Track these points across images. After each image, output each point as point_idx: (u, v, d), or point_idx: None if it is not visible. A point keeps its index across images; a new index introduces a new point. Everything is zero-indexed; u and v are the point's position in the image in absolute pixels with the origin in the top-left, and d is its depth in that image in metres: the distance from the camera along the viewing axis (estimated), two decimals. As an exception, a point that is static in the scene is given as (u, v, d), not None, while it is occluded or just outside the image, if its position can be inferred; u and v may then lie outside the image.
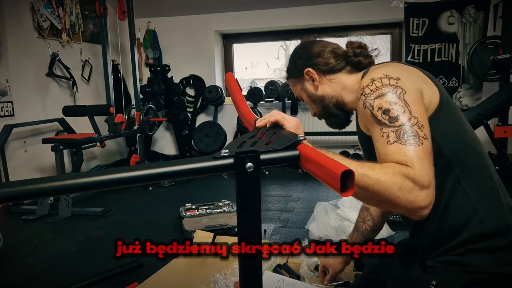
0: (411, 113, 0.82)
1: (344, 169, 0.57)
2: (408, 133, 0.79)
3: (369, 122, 0.88)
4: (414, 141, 0.79)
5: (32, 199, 2.13)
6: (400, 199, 0.74)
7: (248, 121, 1.04)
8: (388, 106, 0.84)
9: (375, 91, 0.87)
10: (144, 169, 0.63)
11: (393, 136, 0.80)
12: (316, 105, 1.15)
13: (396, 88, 0.85)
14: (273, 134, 0.81)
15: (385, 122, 0.83)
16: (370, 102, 0.87)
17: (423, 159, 0.77)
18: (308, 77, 1.12)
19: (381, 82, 0.87)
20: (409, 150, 0.78)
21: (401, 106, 0.83)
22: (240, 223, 0.65)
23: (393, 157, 0.78)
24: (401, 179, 0.74)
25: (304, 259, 1.93)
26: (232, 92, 1.16)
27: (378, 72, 0.91)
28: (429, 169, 0.77)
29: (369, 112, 0.86)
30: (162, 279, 1.93)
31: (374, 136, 0.86)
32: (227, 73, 1.29)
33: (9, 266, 2.26)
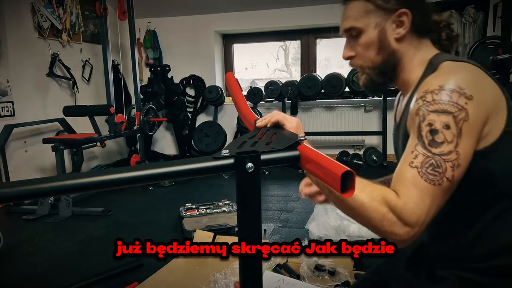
0: (456, 146, 0.74)
1: (344, 170, 0.57)
2: (436, 167, 0.73)
3: (411, 129, 0.80)
4: (434, 178, 0.73)
5: (32, 199, 2.13)
6: (379, 228, 0.73)
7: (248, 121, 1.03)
8: (439, 127, 0.74)
9: (437, 103, 0.76)
10: (144, 169, 0.63)
11: (420, 161, 0.74)
12: (377, 54, 0.91)
13: (460, 112, 0.74)
14: (273, 134, 0.81)
15: (424, 142, 0.75)
16: (425, 112, 0.77)
17: (426, 199, 0.72)
18: (396, 19, 0.89)
19: (450, 97, 0.75)
20: (419, 186, 0.73)
21: (452, 135, 0.74)
22: (240, 223, 0.65)
23: (401, 183, 0.75)
24: (386, 210, 0.72)
25: (304, 259, 1.94)
26: (232, 92, 1.14)
27: (452, 79, 0.78)
28: (426, 210, 0.72)
29: (417, 121, 0.78)
30: (162, 279, 1.93)
31: (408, 146, 0.79)
32: (227, 73, 1.22)
33: (9, 266, 2.26)
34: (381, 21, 0.89)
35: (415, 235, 0.73)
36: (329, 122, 4.64)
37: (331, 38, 4.98)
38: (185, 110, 4.87)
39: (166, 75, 4.93)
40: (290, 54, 6.19)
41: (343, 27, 0.94)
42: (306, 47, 4.98)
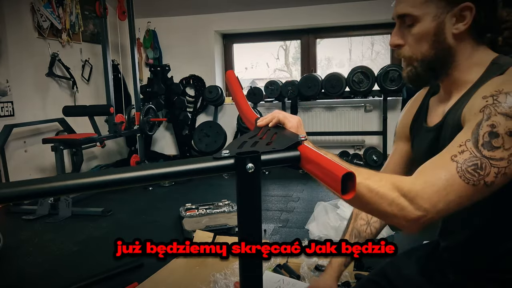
0: (510, 156, 0.68)
1: (345, 171, 0.56)
2: (481, 169, 0.68)
3: (467, 125, 0.74)
4: (471, 177, 0.68)
5: (32, 199, 2.14)
6: (387, 213, 0.70)
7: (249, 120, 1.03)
8: (501, 131, 0.69)
9: (508, 107, 0.70)
10: (144, 170, 0.63)
11: (464, 157, 0.69)
12: (429, 47, 0.84)
13: None
14: (274, 134, 0.81)
15: (477, 140, 0.69)
16: (492, 111, 0.70)
17: (449, 193, 0.68)
18: (457, 13, 0.81)
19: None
20: (453, 182, 0.68)
21: (511, 142, 0.68)
22: (240, 223, 0.65)
23: (431, 170, 0.70)
24: (396, 195, 0.69)
25: (304, 259, 1.94)
26: (233, 90, 1.13)
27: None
28: (445, 203, 0.68)
29: (479, 118, 0.71)
30: (162, 279, 1.93)
31: (455, 139, 0.73)
32: (227, 71, 1.20)
33: (9, 266, 2.26)
34: (441, 12, 0.81)
35: (426, 223, 0.69)
36: (329, 122, 4.63)
37: (331, 38, 4.98)
38: (185, 110, 4.87)
39: (166, 75, 4.93)
40: (290, 54, 6.19)
41: (398, 11, 0.85)
42: (306, 47, 4.98)
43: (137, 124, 4.18)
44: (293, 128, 0.84)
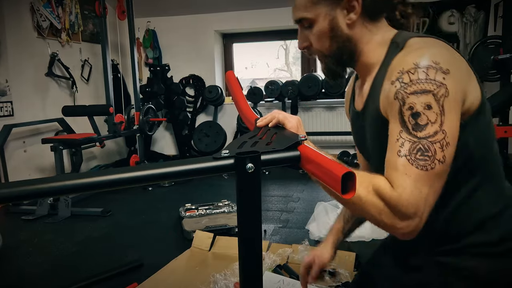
0: (441, 125, 0.71)
1: (345, 171, 0.56)
2: (425, 151, 0.71)
3: (391, 115, 0.77)
4: (425, 163, 0.70)
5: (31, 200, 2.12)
6: (379, 222, 0.72)
7: (248, 120, 1.03)
8: (421, 109, 0.72)
9: (415, 84, 0.73)
10: (144, 170, 0.63)
11: (407, 148, 0.72)
12: (331, 41, 0.88)
13: (439, 88, 0.72)
14: (274, 134, 0.81)
15: (408, 127, 0.73)
16: (404, 95, 0.74)
17: (421, 187, 0.70)
18: (345, 5, 0.85)
19: (427, 74, 0.72)
20: (412, 174, 0.70)
21: (435, 114, 0.71)
22: (240, 223, 0.65)
23: (393, 173, 0.72)
24: (381, 203, 0.71)
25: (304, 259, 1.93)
26: (233, 91, 1.13)
27: (426, 55, 0.75)
28: (424, 198, 0.70)
29: (397, 106, 0.75)
30: (162, 279, 1.93)
31: (390, 133, 0.76)
32: (227, 71, 1.20)
33: (9, 266, 2.26)
34: (330, 9, 0.86)
35: (418, 227, 0.71)
36: (330, 122, 4.63)
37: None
38: (185, 110, 4.87)
39: (166, 74, 4.92)
40: (290, 54, 6.19)
41: (294, 17, 0.91)
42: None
43: (137, 124, 4.18)
44: (293, 128, 0.84)
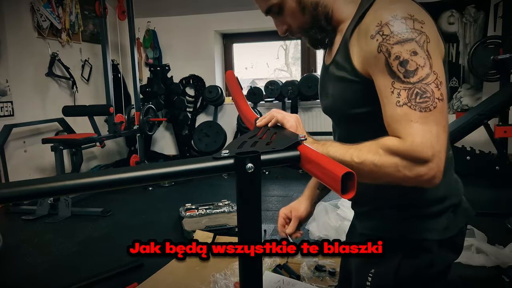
0: (431, 68, 0.72)
1: (345, 171, 0.56)
2: (423, 93, 0.71)
3: (378, 69, 0.77)
4: (426, 105, 0.71)
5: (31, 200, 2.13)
6: (402, 179, 0.72)
7: (248, 120, 1.03)
8: (407, 56, 0.73)
9: (395, 34, 0.74)
10: (144, 170, 0.63)
11: (404, 96, 0.72)
12: (304, 14, 0.91)
13: (420, 35, 0.74)
14: (273, 134, 0.81)
15: (399, 76, 0.73)
16: (388, 47, 0.74)
17: (430, 128, 0.70)
18: None
19: (406, 24, 0.74)
20: (417, 118, 0.71)
21: (422, 58, 0.73)
22: (240, 223, 0.65)
23: (398, 125, 0.73)
24: (395, 159, 0.71)
25: (304, 259, 1.94)
26: (232, 91, 1.13)
27: (400, 8, 0.76)
28: (435, 138, 0.70)
29: (383, 59, 0.75)
30: (162, 279, 1.93)
31: (382, 89, 0.76)
32: (227, 71, 1.20)
33: (9, 266, 2.26)
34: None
35: (439, 167, 0.70)
36: (330, 122, 4.61)
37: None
38: (185, 110, 4.87)
39: (166, 74, 4.93)
40: (290, 54, 6.19)
41: (263, 10, 0.96)
42: (306, 46, 4.97)
43: (137, 124, 4.18)
44: (293, 128, 0.84)
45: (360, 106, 0.85)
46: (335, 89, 0.90)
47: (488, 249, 2.05)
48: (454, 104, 4.29)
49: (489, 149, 3.32)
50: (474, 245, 2.09)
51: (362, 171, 0.74)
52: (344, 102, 0.87)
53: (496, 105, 3.08)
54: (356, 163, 0.74)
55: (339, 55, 0.88)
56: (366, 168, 0.73)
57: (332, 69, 0.90)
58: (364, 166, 0.73)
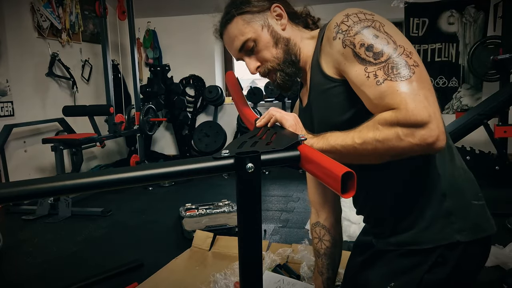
0: (395, 43, 0.76)
1: (345, 170, 0.56)
2: (397, 65, 0.74)
3: (349, 62, 0.79)
4: (404, 73, 0.73)
5: (32, 199, 2.13)
6: (406, 147, 0.72)
7: (248, 120, 1.03)
8: (370, 41, 0.76)
9: (353, 27, 0.79)
10: (144, 170, 0.63)
11: (382, 74, 0.74)
12: (277, 49, 0.97)
13: (374, 22, 0.79)
14: (273, 134, 0.81)
15: (370, 60, 0.76)
16: (350, 39, 0.78)
17: (417, 92, 0.71)
18: (273, 15, 0.97)
19: (357, 17, 0.80)
20: (401, 87, 0.72)
21: (384, 39, 0.77)
22: (240, 223, 0.65)
23: (386, 99, 0.73)
24: (396, 129, 0.71)
25: (304, 259, 1.94)
26: (233, 91, 1.14)
27: (349, 9, 0.84)
28: (426, 100, 0.71)
29: (350, 51, 0.78)
30: (162, 279, 1.93)
31: (358, 78, 0.78)
32: (227, 72, 1.21)
33: (9, 266, 2.26)
34: (264, 21, 0.97)
35: (440, 127, 0.71)
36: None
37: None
38: (185, 110, 4.87)
39: (166, 75, 4.93)
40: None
41: (236, 47, 0.99)
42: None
43: (137, 124, 4.18)
44: (292, 127, 0.85)
45: (345, 110, 0.86)
46: (320, 103, 0.93)
47: (488, 249, 2.05)
48: (454, 104, 4.28)
49: (489, 149, 3.32)
50: (474, 245, 2.09)
51: (366, 151, 0.74)
52: (331, 110, 0.89)
53: (496, 105, 3.08)
54: (359, 144, 0.74)
55: (313, 79, 0.93)
56: (369, 147, 0.74)
57: (311, 96, 0.95)
58: (367, 145, 0.74)
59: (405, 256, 0.90)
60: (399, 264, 0.90)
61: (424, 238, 0.87)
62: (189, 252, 2.22)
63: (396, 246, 0.92)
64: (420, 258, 0.87)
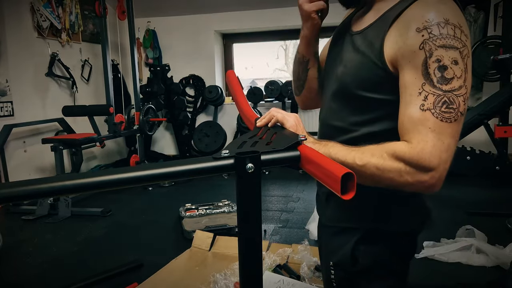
0: (465, 81, 0.72)
1: (345, 171, 0.56)
2: (449, 104, 0.70)
3: (411, 65, 0.74)
4: (449, 115, 0.70)
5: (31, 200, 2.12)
6: (402, 184, 0.72)
7: (249, 119, 1.02)
8: (448, 63, 0.71)
9: (445, 38, 0.72)
10: (144, 170, 0.63)
11: (431, 101, 0.71)
12: None
13: (464, 47, 0.72)
14: (273, 134, 0.81)
15: (432, 79, 0.71)
16: (432, 47, 0.72)
17: (444, 139, 0.70)
18: None
19: (454, 31, 0.72)
20: (435, 127, 0.70)
21: (461, 70, 0.71)
22: (240, 223, 0.65)
23: (413, 128, 0.72)
24: (400, 164, 0.71)
25: (304, 259, 1.94)
26: (233, 90, 1.13)
27: (451, 13, 0.74)
28: (445, 149, 0.70)
29: (422, 57, 0.72)
30: (162, 279, 1.93)
31: (409, 86, 0.74)
32: (228, 71, 1.20)
33: (9, 266, 2.26)
34: None
35: (442, 177, 0.70)
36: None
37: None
38: (185, 110, 4.87)
39: (166, 74, 4.93)
40: (290, 54, 6.19)
41: None
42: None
43: (137, 124, 4.18)
44: (293, 128, 0.84)
45: (365, 89, 0.81)
46: (352, 60, 0.85)
47: (488, 249, 2.05)
48: (454, 104, 4.28)
49: (489, 149, 3.32)
50: (474, 245, 2.09)
51: (364, 174, 0.74)
52: (354, 77, 0.83)
53: (496, 105, 3.08)
54: (358, 166, 0.74)
55: (371, 31, 0.84)
56: (368, 172, 0.73)
57: (358, 39, 0.86)
58: (366, 169, 0.73)
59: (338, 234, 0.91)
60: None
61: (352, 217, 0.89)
62: (189, 252, 2.22)
63: (330, 222, 0.94)
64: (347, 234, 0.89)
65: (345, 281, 0.89)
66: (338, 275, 0.90)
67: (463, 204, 2.89)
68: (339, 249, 0.89)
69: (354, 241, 0.87)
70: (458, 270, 2.00)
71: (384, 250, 0.88)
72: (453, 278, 1.93)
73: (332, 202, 0.92)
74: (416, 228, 0.91)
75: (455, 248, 2.11)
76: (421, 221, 0.92)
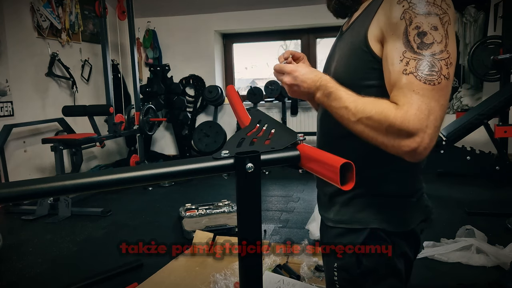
0: (446, 46, 0.72)
1: (343, 162, 0.57)
2: (430, 67, 0.71)
3: (394, 36, 0.76)
4: (431, 78, 0.71)
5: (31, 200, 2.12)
6: (387, 144, 0.72)
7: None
8: (427, 29, 0.72)
9: (424, 5, 0.73)
10: (144, 170, 0.63)
11: (413, 65, 0.72)
12: None
13: (444, 15, 0.73)
14: (271, 130, 0.81)
15: (412, 46, 0.73)
16: (412, 15, 0.73)
17: (428, 102, 0.70)
18: None
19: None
20: (419, 89, 0.70)
21: (440, 35, 0.72)
22: (240, 223, 0.65)
23: (399, 92, 0.73)
24: (388, 124, 0.71)
25: (304, 259, 1.94)
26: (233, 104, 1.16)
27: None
28: (428, 114, 0.70)
29: (403, 26, 0.74)
30: (162, 279, 1.93)
31: (392, 55, 0.75)
32: (228, 86, 1.22)
33: (9, 266, 2.26)
34: None
35: (424, 142, 0.70)
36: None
37: (331, 38, 4.97)
38: (185, 110, 4.87)
39: (166, 74, 4.93)
40: (290, 54, 6.17)
41: None
42: (306, 46, 4.98)
43: (137, 124, 4.18)
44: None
45: (356, 76, 0.83)
46: (343, 53, 0.89)
47: (488, 249, 2.05)
48: (455, 104, 4.28)
49: (489, 149, 3.32)
50: (474, 245, 2.09)
51: (349, 122, 0.76)
52: (345, 67, 0.86)
53: (497, 105, 3.08)
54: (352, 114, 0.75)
55: (358, 22, 0.87)
56: (360, 127, 0.75)
57: (347, 34, 0.90)
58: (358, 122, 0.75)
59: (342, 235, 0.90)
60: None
61: (356, 219, 0.88)
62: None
63: (332, 223, 0.93)
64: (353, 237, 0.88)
65: (349, 283, 0.89)
66: (341, 277, 0.89)
67: (463, 204, 2.89)
68: (344, 250, 0.89)
69: (359, 243, 0.86)
70: (458, 270, 2.00)
71: (389, 251, 0.87)
72: (453, 278, 1.93)
73: (336, 203, 0.92)
74: (419, 227, 0.91)
75: (455, 248, 2.11)
76: (423, 220, 0.92)
